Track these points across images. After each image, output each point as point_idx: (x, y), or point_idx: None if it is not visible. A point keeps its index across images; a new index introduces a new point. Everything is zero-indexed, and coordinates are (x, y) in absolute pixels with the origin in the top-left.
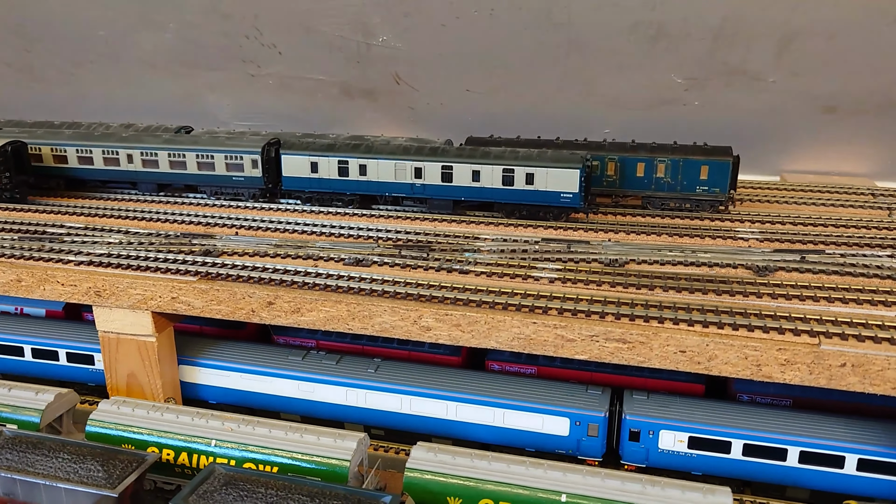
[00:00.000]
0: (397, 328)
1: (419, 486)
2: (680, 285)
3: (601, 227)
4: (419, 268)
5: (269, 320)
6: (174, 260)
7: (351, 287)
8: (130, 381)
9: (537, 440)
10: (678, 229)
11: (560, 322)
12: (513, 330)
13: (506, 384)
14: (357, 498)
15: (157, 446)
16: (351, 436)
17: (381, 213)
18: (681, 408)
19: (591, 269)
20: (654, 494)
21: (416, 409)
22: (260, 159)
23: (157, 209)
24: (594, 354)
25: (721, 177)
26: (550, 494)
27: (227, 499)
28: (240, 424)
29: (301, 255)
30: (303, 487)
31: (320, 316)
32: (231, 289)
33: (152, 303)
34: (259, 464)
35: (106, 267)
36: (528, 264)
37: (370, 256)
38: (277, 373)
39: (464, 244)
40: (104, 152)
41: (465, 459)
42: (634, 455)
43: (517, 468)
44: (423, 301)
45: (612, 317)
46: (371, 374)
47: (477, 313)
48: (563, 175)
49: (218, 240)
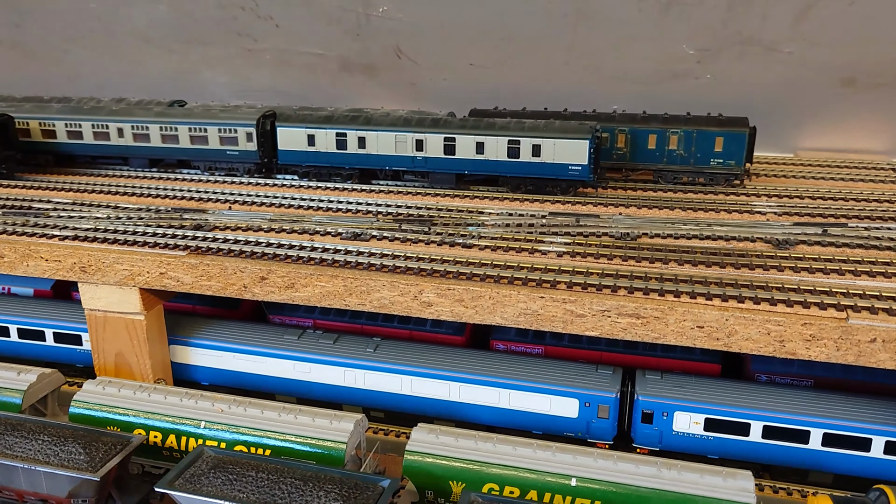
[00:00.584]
0: (396, 304)
1: (420, 470)
2: (696, 259)
3: (611, 201)
4: (420, 242)
5: (261, 296)
6: (163, 234)
7: (348, 261)
8: (118, 362)
9: (544, 422)
10: (692, 203)
11: (569, 296)
12: (519, 305)
13: (511, 364)
14: (354, 482)
15: (144, 428)
16: (348, 417)
17: (381, 188)
18: (696, 388)
19: (602, 243)
20: (670, 478)
21: (417, 390)
22: (255, 132)
23: (148, 185)
24: (605, 331)
25: (737, 149)
26: (559, 478)
27: (216, 482)
28: (230, 405)
29: (296, 230)
30: (296, 471)
31: (315, 291)
32: (222, 263)
33: (140, 279)
34: (251, 446)
35: (91, 242)
36: (535, 238)
37: (369, 230)
38: (272, 353)
39: (467, 219)
40: (94, 126)
41: (468, 441)
42: (647, 438)
43: (524, 451)
44: (423, 275)
45: (625, 291)
46: (370, 354)
47: (481, 288)
48: (571, 146)
49: (210, 214)
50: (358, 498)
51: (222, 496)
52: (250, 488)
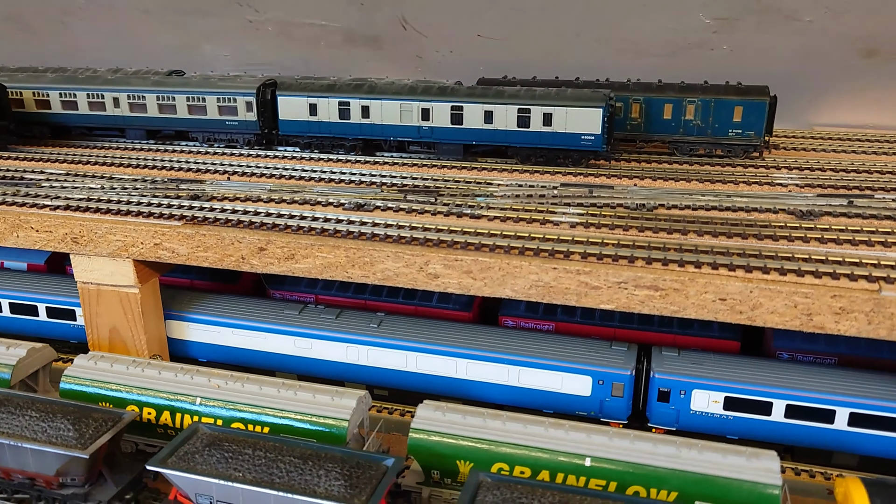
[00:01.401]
0: (402, 276)
1: (425, 449)
2: (717, 229)
3: (624, 173)
4: (426, 212)
5: (260, 268)
6: (158, 204)
7: (351, 231)
8: (113, 337)
9: (556, 401)
10: (709, 175)
11: (584, 268)
12: (530, 277)
13: (521, 340)
14: (356, 461)
15: (137, 404)
16: (350, 394)
17: (386, 160)
18: (715, 365)
19: (617, 214)
20: (690, 459)
21: (423, 366)
22: (255, 102)
23: (144, 156)
24: (622, 304)
25: (757, 119)
26: (573, 458)
27: (211, 460)
28: (227, 381)
29: (297, 200)
30: (295, 449)
31: (317, 263)
32: (219, 234)
33: (133, 250)
34: (248, 424)
35: (84, 212)
36: (547, 209)
37: (373, 201)
38: (272, 328)
39: (475, 190)
40: (89, 96)
41: (476, 419)
42: (663, 417)
43: (535, 429)
44: (430, 246)
45: (643, 261)
46: (373, 329)
47: (490, 258)
48: (583, 115)
49: (208, 185)
50: (360, 477)
51: (217, 474)
52: (247, 466)
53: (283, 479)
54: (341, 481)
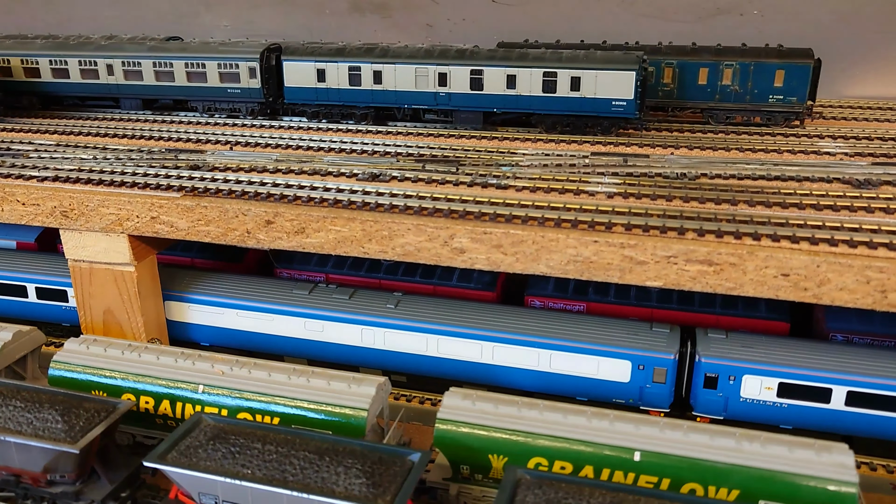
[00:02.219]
0: (423, 251)
1: (453, 441)
2: (770, 199)
3: (657, 142)
4: (448, 183)
5: (267, 243)
6: (155, 175)
7: (367, 202)
8: (107, 319)
9: (591, 388)
10: (750, 144)
11: (628, 240)
12: (568, 251)
13: (552, 321)
14: (378, 455)
15: (134, 393)
16: (369, 380)
17: (399, 129)
18: (767, 348)
19: (657, 184)
20: (752, 452)
21: (445, 350)
22: (258, 67)
23: (140, 127)
24: (670, 280)
25: (799, 83)
26: (620, 452)
27: (215, 455)
28: (232, 367)
29: (306, 171)
30: (309, 442)
31: (329, 237)
32: (222, 206)
33: (128, 224)
34: (256, 414)
35: (74, 183)
36: (579, 178)
37: (389, 171)
38: (280, 309)
39: (499, 159)
40: (81, 63)
41: (510, 408)
42: (710, 405)
43: (576, 419)
44: (455, 218)
45: (694, 233)
46: (390, 311)
47: (523, 231)
48: (615, 79)
49: (209, 154)
50: (383, 474)
51: (223, 472)
52: (256, 463)
53: (297, 476)
54: (362, 479)
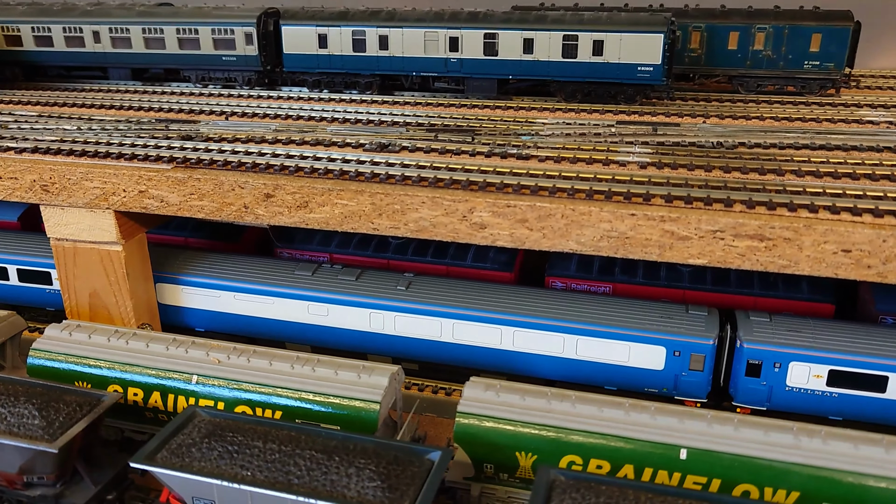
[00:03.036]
0: (439, 226)
1: (475, 437)
2: (820, 170)
3: (686, 111)
4: (463, 153)
5: (266, 219)
6: (143, 145)
7: (376, 173)
8: (94, 303)
9: (621, 376)
10: (785, 114)
11: (669, 213)
12: (601, 226)
13: (578, 304)
14: (393, 454)
15: (121, 384)
16: (380, 369)
17: (407, 99)
18: (816, 333)
19: (693, 153)
20: (813, 450)
21: (461, 336)
22: (255, 33)
23: (129, 98)
24: (716, 257)
25: (838, 48)
26: (664, 450)
27: (211, 455)
28: (230, 355)
29: (308, 141)
30: (317, 440)
31: (335, 212)
32: (216, 178)
33: (115, 199)
34: (256, 407)
35: (55, 154)
36: (607, 147)
37: (398, 141)
38: (281, 292)
39: (517, 128)
40: (65, 30)
41: (538, 400)
42: (752, 394)
43: (613, 412)
44: (474, 190)
45: (743, 205)
46: (401, 293)
47: (551, 204)
48: (641, 42)
49: (202, 125)
50: (400, 476)
51: (219, 474)
52: (256, 463)
53: (303, 479)
54: (376, 481)
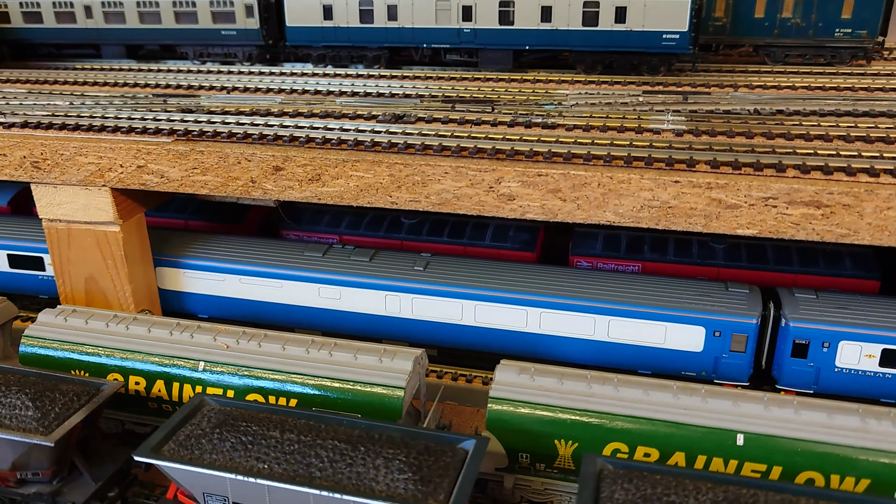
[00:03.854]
0: (464, 199)
1: (510, 424)
2: (870, 135)
3: (713, 82)
4: (484, 124)
5: (275, 194)
6: (141, 118)
7: (394, 143)
8: (90, 289)
9: (656, 359)
10: (818, 83)
11: (716, 180)
12: (642, 195)
13: (609, 283)
14: (423, 444)
15: (121, 372)
16: (403, 353)
17: (417, 73)
18: (867, 310)
19: (731, 120)
20: (882, 434)
21: (484, 318)
22: (256, 5)
23: (123, 76)
24: (767, 227)
25: (871, 14)
26: (718, 436)
27: (223, 447)
28: (239, 340)
29: (317, 113)
30: (339, 429)
31: (350, 185)
32: (221, 151)
33: (111, 175)
34: (269, 395)
35: (47, 129)
36: (637, 116)
37: (414, 112)
38: (290, 274)
39: (538, 98)
40: (55, 6)
41: (577, 384)
42: (798, 376)
43: (660, 396)
44: (501, 159)
45: (797, 170)
46: (419, 273)
47: (586, 172)
48: (667, 7)
49: (203, 98)
50: (432, 467)
51: (232, 467)
52: (273, 455)
53: (326, 471)
54: (407, 473)
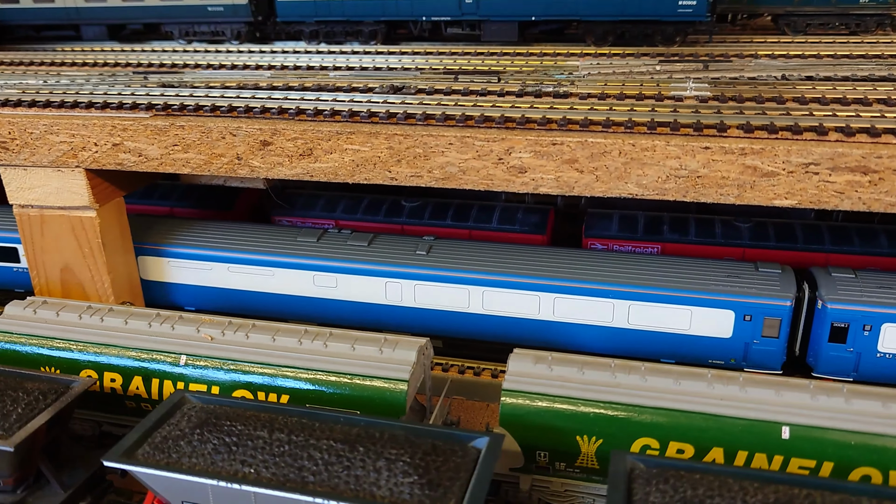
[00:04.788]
0: (470, 172)
1: (526, 419)
2: None
3: (732, 52)
4: (491, 94)
5: (263, 171)
6: (118, 93)
7: (393, 113)
8: (66, 280)
9: (681, 346)
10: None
11: (751, 145)
12: (668, 163)
13: (628, 265)
14: (430, 443)
15: (95, 368)
16: (405, 343)
17: (416, 49)
18: None
19: (759, 86)
20: None
21: (492, 306)
22: None
23: (104, 56)
24: (808, 196)
25: None
26: (761, 429)
27: (204, 449)
28: (224, 331)
29: (309, 87)
30: (335, 428)
31: (345, 159)
32: (203, 125)
33: (85, 155)
34: (258, 391)
35: (15, 107)
36: (657, 83)
37: (414, 82)
38: (283, 262)
39: (548, 69)
40: None
41: (601, 374)
42: (837, 363)
43: (693, 385)
44: (511, 128)
45: (840, 133)
46: (422, 258)
47: (605, 139)
48: None
49: (187, 74)
50: (441, 469)
51: (215, 472)
52: (261, 457)
53: (321, 476)
54: (413, 476)
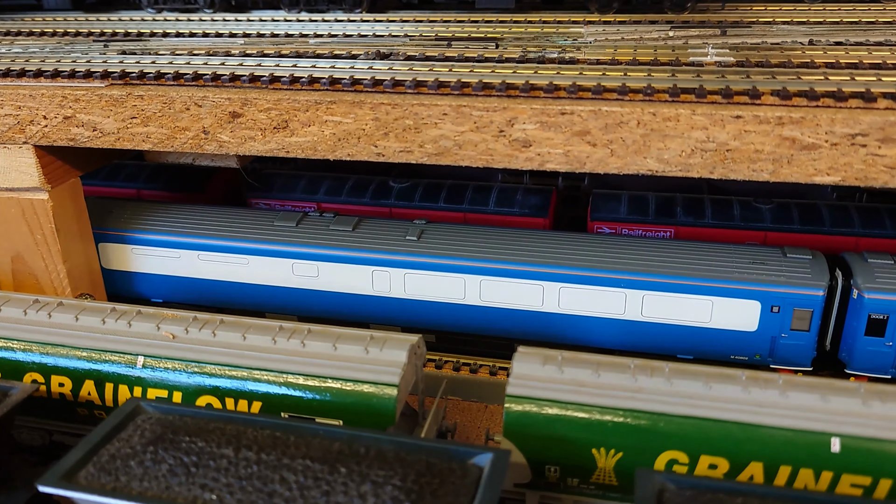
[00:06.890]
0: (467, 146)
1: (534, 429)
2: None
3: (748, 18)
4: (489, 61)
5: (234, 147)
6: (72, 61)
7: (379, 80)
8: (17, 269)
9: (700, 341)
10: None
11: (789, 113)
12: (693, 134)
13: (641, 251)
14: (423, 460)
15: (41, 371)
16: (395, 340)
17: (405, 17)
18: None
19: (785, 51)
20: None
21: (491, 296)
22: None
23: (64, 25)
24: (853, 172)
25: None
26: (807, 440)
27: (157, 471)
28: (188, 328)
29: (286, 55)
30: (311, 442)
31: (325, 133)
32: (165, 95)
33: (33, 129)
34: (225, 397)
35: None
36: (672, 49)
37: (403, 48)
38: (258, 248)
39: (550, 36)
40: None
41: (619, 376)
42: (874, 358)
43: (726, 390)
44: (514, 96)
45: (889, 100)
46: (412, 244)
47: (622, 108)
48: None
49: (152, 41)
50: (437, 493)
51: (168, 498)
52: (224, 481)
53: (295, 503)
54: (404, 502)
